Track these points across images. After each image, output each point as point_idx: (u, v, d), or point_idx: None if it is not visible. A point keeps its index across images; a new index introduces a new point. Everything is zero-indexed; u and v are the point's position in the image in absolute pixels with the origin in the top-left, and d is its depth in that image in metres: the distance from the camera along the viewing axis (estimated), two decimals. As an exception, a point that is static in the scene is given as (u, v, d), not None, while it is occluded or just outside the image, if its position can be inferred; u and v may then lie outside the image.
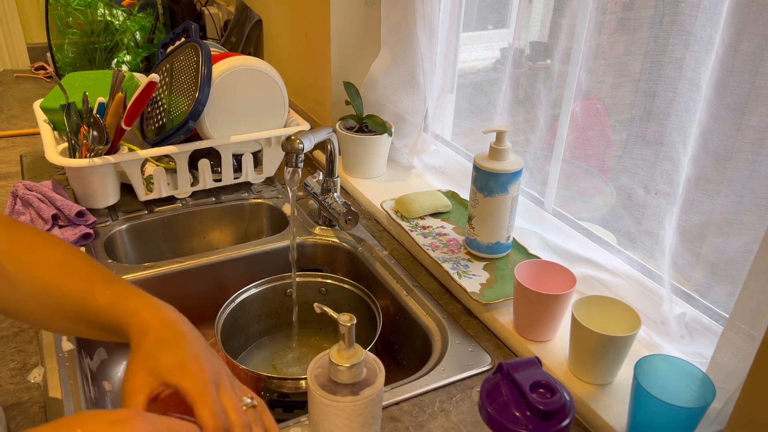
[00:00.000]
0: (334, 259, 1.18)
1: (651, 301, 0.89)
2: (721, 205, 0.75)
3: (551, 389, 0.63)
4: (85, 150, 1.13)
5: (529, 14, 1.05)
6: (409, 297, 1.01)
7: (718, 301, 0.83)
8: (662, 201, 0.83)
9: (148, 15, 1.87)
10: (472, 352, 0.88)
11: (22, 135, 1.56)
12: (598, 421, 0.75)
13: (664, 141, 0.81)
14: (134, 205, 1.22)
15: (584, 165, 1.01)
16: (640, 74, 0.90)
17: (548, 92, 0.99)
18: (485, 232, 1.00)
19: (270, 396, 0.86)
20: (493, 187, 0.96)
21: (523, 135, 1.08)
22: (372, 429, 0.66)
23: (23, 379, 0.81)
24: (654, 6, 0.86)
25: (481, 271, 1.00)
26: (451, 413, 0.78)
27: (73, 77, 1.33)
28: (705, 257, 0.80)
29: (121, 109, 1.14)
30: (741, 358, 0.69)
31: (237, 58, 1.21)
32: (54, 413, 0.76)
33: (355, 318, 0.63)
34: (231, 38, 1.83)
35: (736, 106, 0.70)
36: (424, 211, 1.14)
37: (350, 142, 1.29)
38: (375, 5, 1.34)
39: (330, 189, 1.14)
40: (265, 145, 1.29)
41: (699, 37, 0.74)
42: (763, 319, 0.65)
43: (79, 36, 1.80)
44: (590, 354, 0.77)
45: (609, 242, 0.99)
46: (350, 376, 0.63)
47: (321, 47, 1.40)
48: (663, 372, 0.70)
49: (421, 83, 1.26)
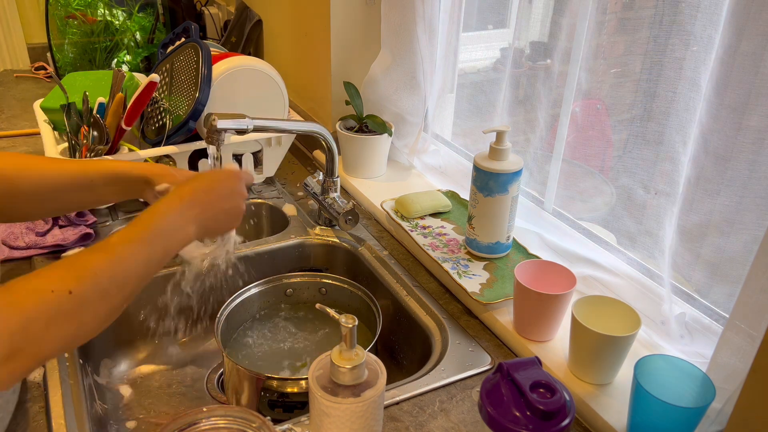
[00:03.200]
0: (334, 259, 1.18)
1: (651, 301, 0.89)
2: (721, 205, 0.75)
3: (551, 389, 0.63)
4: (86, 150, 1.13)
5: (529, 14, 1.05)
6: (409, 297, 1.01)
7: (718, 301, 0.83)
8: (662, 201, 0.83)
9: (148, 15, 1.87)
10: (472, 352, 0.88)
11: (22, 135, 1.56)
12: (598, 421, 0.75)
13: (664, 141, 0.81)
14: (134, 205, 1.22)
15: (584, 165, 1.01)
16: (640, 74, 0.90)
17: (548, 92, 0.99)
18: (485, 232, 1.00)
19: (270, 396, 0.86)
20: (493, 187, 0.96)
21: (523, 135, 1.08)
22: (373, 430, 0.66)
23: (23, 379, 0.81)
24: (654, 6, 0.86)
25: (481, 271, 1.00)
26: (451, 413, 0.78)
27: (73, 77, 1.33)
28: (705, 257, 0.80)
29: (121, 109, 1.14)
30: (741, 358, 0.69)
31: (237, 58, 1.21)
32: (54, 413, 0.76)
33: (356, 319, 0.63)
34: (231, 38, 1.83)
35: (736, 106, 0.70)
36: (424, 211, 1.15)
37: (350, 142, 1.29)
38: (375, 5, 1.33)
39: (330, 189, 1.14)
40: (265, 145, 1.29)
41: (699, 37, 0.74)
42: (763, 319, 0.65)
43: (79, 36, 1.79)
44: (590, 354, 0.77)
45: (609, 242, 0.99)
46: (352, 378, 0.63)
47: (321, 47, 1.40)
48: (663, 372, 0.70)
49: (421, 83, 1.26)
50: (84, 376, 0.88)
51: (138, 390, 1.03)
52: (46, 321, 0.52)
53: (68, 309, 0.54)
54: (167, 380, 1.06)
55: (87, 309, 0.56)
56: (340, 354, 0.64)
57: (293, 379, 0.87)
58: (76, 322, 0.55)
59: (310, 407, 0.67)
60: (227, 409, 0.67)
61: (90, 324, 0.57)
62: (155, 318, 1.09)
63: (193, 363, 1.10)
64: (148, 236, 0.64)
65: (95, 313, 0.57)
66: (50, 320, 0.53)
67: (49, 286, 0.54)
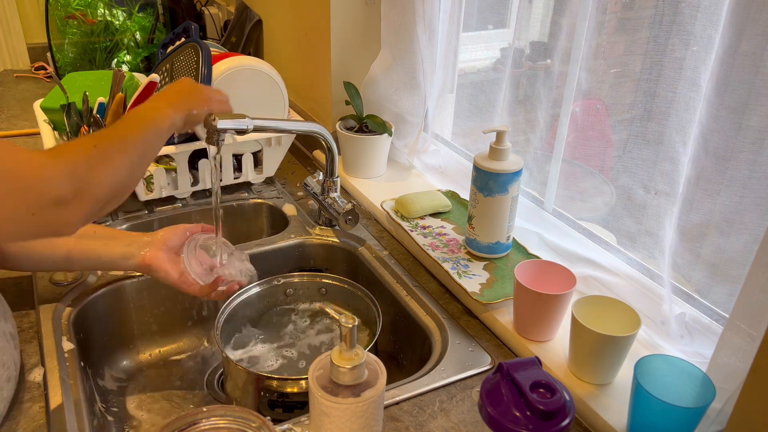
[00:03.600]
0: (334, 259, 1.18)
1: (651, 301, 0.89)
2: (721, 205, 0.75)
3: (551, 389, 0.63)
4: (85, 150, 1.13)
5: (529, 14, 1.05)
6: (409, 297, 1.01)
7: (718, 301, 0.83)
8: (662, 201, 0.83)
9: (148, 15, 1.87)
10: (472, 352, 0.88)
11: (22, 135, 1.56)
12: (598, 421, 0.75)
13: (664, 141, 0.81)
14: (135, 205, 1.23)
15: (584, 165, 1.01)
16: (640, 74, 0.90)
17: (548, 92, 0.99)
18: (485, 232, 1.00)
19: (270, 396, 0.86)
20: (493, 187, 0.96)
21: (523, 135, 1.08)
22: (373, 430, 0.66)
23: (23, 379, 0.81)
24: (654, 6, 0.86)
25: (481, 271, 1.00)
26: (451, 413, 0.78)
27: (73, 77, 1.33)
28: (705, 257, 0.80)
29: (121, 109, 1.14)
30: (741, 358, 0.69)
31: (237, 58, 1.21)
32: (54, 413, 0.76)
33: (356, 320, 0.63)
34: (231, 38, 1.83)
35: (736, 106, 0.70)
36: (424, 211, 1.14)
37: (350, 142, 1.29)
38: (375, 5, 1.33)
39: (330, 189, 1.14)
40: (265, 145, 1.29)
41: (699, 37, 0.74)
42: (763, 319, 0.65)
43: (79, 36, 1.79)
44: (590, 354, 0.77)
45: (609, 242, 0.99)
46: (352, 378, 0.63)
47: (321, 47, 1.40)
48: (663, 372, 0.70)
49: (421, 83, 1.26)
50: (84, 377, 0.88)
51: (138, 390, 1.03)
52: (87, 165, 0.66)
53: (97, 156, 0.68)
54: (167, 380, 1.06)
55: (112, 157, 0.69)
56: (340, 354, 0.64)
57: (293, 379, 0.87)
58: (109, 166, 0.69)
59: (310, 407, 0.67)
60: (227, 409, 0.67)
61: (121, 169, 0.70)
62: (155, 318, 1.09)
63: (193, 363, 1.10)
64: (136, 119, 0.77)
65: (120, 162, 0.70)
66: (89, 164, 0.66)
67: (78, 144, 0.68)
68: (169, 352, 1.10)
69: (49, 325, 0.90)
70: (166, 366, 1.08)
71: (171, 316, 1.10)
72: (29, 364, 0.84)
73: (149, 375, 1.06)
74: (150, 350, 1.10)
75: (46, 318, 0.91)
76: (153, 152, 0.81)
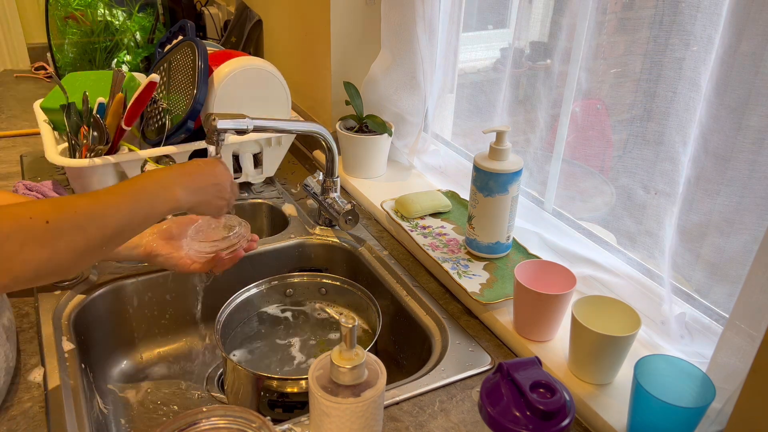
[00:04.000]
0: (334, 259, 1.18)
1: (651, 301, 0.89)
2: (721, 205, 0.75)
3: (551, 389, 0.63)
4: (86, 150, 1.13)
5: (529, 14, 1.05)
6: (409, 297, 1.01)
7: (718, 301, 0.83)
8: (662, 201, 0.83)
9: (148, 15, 1.87)
10: (472, 352, 0.88)
11: (22, 135, 1.56)
12: (598, 421, 0.75)
13: (664, 141, 0.81)
14: (134, 205, 1.22)
15: (584, 165, 1.01)
16: (640, 74, 0.90)
17: (548, 92, 0.99)
18: (485, 232, 1.00)
19: (270, 396, 0.86)
20: (493, 187, 0.96)
21: (523, 135, 1.08)
22: (373, 430, 0.66)
23: (23, 379, 0.81)
24: (654, 6, 0.86)
25: (481, 271, 1.00)
26: (451, 413, 0.78)
27: (73, 77, 1.33)
28: (705, 257, 0.80)
29: (121, 109, 1.14)
30: (741, 358, 0.69)
31: (242, 59, 1.21)
32: (54, 413, 0.76)
33: (356, 320, 0.63)
34: (231, 38, 1.83)
35: (736, 106, 0.70)
36: (424, 211, 1.14)
37: (350, 142, 1.29)
38: (375, 5, 1.33)
39: (330, 189, 1.14)
40: (265, 145, 1.29)
41: (699, 37, 0.74)
42: (763, 319, 0.65)
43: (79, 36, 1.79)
44: (590, 354, 0.77)
45: (609, 242, 0.99)
46: (352, 378, 0.63)
47: (321, 47, 1.40)
48: (663, 372, 0.70)
49: (421, 83, 1.26)
50: (84, 377, 0.88)
51: (138, 390, 1.03)
52: (21, 242, 0.58)
53: (43, 236, 0.59)
54: (167, 380, 1.06)
55: (62, 239, 0.60)
56: (340, 354, 0.64)
57: (293, 379, 0.87)
58: (49, 249, 0.59)
59: (310, 407, 0.67)
60: (227, 409, 0.67)
61: (64, 255, 0.61)
62: (155, 318, 1.09)
63: (193, 363, 1.10)
64: (134, 191, 0.70)
65: (71, 246, 0.61)
66: (24, 242, 0.58)
67: (29, 213, 0.59)
68: (169, 352, 1.10)
69: (49, 325, 0.90)
70: (166, 366, 1.08)
71: (171, 316, 1.10)
72: (29, 364, 0.84)
73: (149, 375, 1.06)
74: (150, 350, 1.10)
75: (46, 318, 0.91)
76: (126, 236, 0.70)
